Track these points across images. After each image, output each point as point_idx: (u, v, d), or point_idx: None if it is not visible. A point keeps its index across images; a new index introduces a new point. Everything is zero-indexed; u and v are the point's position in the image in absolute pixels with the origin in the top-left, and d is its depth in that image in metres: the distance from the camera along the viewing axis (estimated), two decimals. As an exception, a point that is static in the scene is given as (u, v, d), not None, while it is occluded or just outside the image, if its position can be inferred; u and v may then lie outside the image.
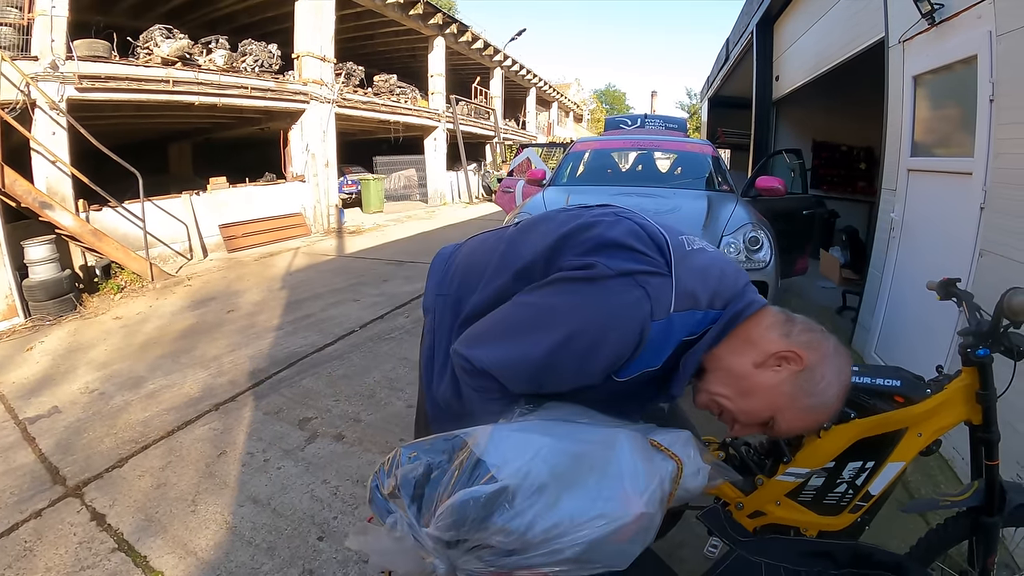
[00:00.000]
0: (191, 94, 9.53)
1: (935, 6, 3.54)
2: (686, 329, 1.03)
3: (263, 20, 14.02)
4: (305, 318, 5.68)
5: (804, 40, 7.79)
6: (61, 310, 6.45)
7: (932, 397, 1.50)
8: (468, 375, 1.10)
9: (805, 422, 1.06)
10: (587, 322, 1.00)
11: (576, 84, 50.69)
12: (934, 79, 3.85)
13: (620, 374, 1.03)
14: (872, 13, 4.90)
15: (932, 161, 3.84)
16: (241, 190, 11.09)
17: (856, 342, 4.74)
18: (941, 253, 3.55)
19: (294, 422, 3.43)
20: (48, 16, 7.37)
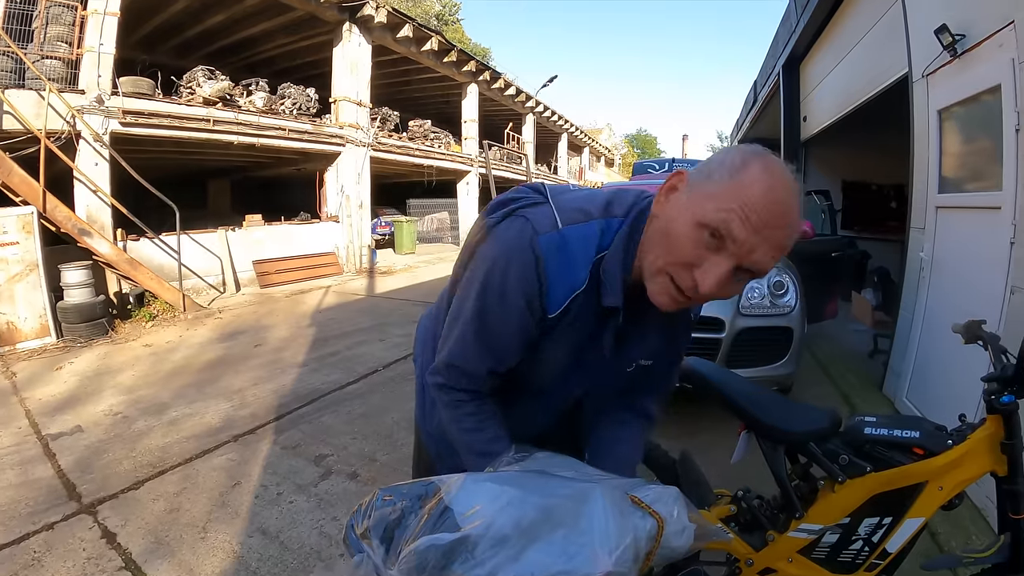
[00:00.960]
0: (230, 134, 9.94)
1: (956, 37, 3.50)
2: (590, 241, 1.01)
3: (302, 65, 14.63)
4: (330, 356, 5.73)
5: (830, 80, 7.79)
6: (93, 334, 6.66)
7: (954, 448, 1.42)
8: (436, 388, 1.16)
9: (723, 200, 0.88)
10: (488, 268, 1.03)
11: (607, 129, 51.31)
12: (959, 112, 3.79)
13: (549, 308, 1.02)
14: (894, 48, 4.88)
15: (960, 197, 3.75)
16: (276, 228, 11.42)
17: (887, 387, 4.57)
18: (972, 292, 3.44)
19: (310, 458, 3.44)
20: (96, 52, 7.82)
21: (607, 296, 1.01)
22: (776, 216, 0.87)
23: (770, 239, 0.87)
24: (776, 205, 0.87)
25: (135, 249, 8.29)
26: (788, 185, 0.88)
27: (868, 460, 1.47)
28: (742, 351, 3.51)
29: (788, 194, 0.88)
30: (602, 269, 1.01)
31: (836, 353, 5.79)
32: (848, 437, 1.52)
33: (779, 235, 0.88)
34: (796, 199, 0.89)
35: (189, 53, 13.15)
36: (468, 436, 1.15)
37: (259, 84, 11.06)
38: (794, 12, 8.72)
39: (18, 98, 6.90)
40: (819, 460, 1.52)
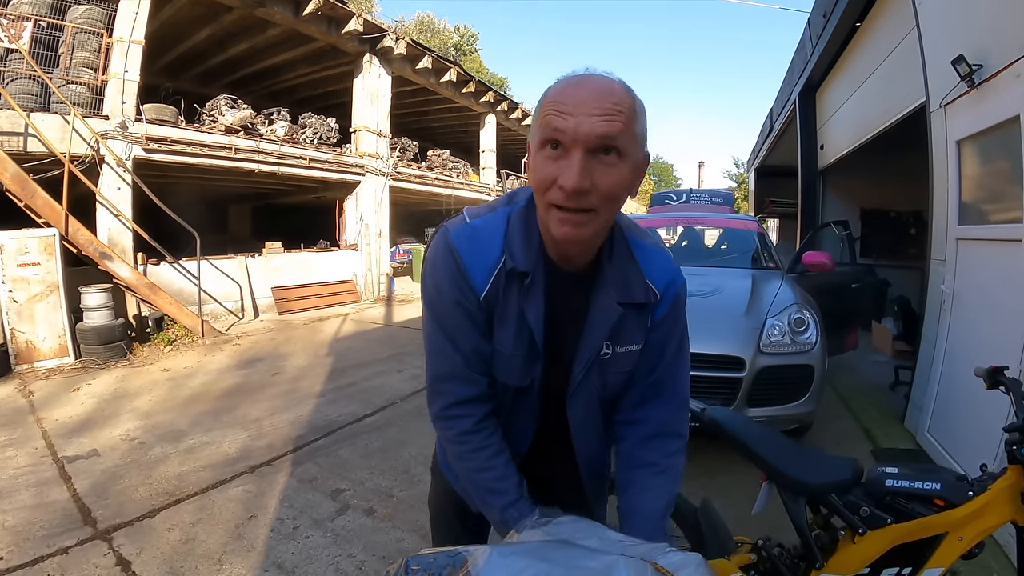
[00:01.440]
0: (252, 162, 10.14)
1: (973, 68, 3.51)
2: (497, 225, 1.11)
3: (323, 94, 14.91)
4: (348, 386, 5.74)
5: (846, 108, 7.81)
6: (111, 356, 6.77)
7: (974, 499, 1.41)
8: (438, 423, 1.21)
9: (538, 117, 0.98)
10: (424, 276, 1.16)
11: (625, 157, 51.40)
12: (978, 143, 3.78)
13: (477, 289, 1.09)
14: (911, 78, 4.89)
15: (980, 229, 3.73)
16: (295, 255, 11.55)
17: (909, 421, 4.51)
18: (995, 325, 3.40)
19: (327, 492, 3.42)
20: (120, 79, 8.03)
21: (518, 262, 1.07)
22: (582, 88, 0.94)
23: (589, 108, 0.91)
24: (578, 82, 0.95)
25: (155, 273, 8.43)
26: (586, 74, 0.97)
27: (889, 512, 1.47)
28: (763, 390, 3.48)
29: (587, 77, 0.96)
30: (510, 242, 1.09)
31: (857, 385, 5.71)
32: (869, 488, 1.51)
33: (595, 101, 0.92)
34: (600, 79, 0.96)
35: (212, 81, 13.51)
36: (477, 475, 1.18)
37: (280, 113, 11.28)
38: (809, 41, 8.78)
39: (43, 121, 7.09)
40: (840, 512, 1.51)
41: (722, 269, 4.89)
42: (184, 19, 10.47)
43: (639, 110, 0.97)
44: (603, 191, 0.95)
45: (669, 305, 1.20)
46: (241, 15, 10.29)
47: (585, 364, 1.16)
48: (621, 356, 1.18)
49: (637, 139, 0.97)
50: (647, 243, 1.20)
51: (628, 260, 1.15)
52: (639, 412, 1.25)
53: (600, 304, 1.13)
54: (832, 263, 5.11)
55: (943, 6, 4.13)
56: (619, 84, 0.96)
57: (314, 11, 10.32)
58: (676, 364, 1.25)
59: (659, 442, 1.23)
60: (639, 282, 1.15)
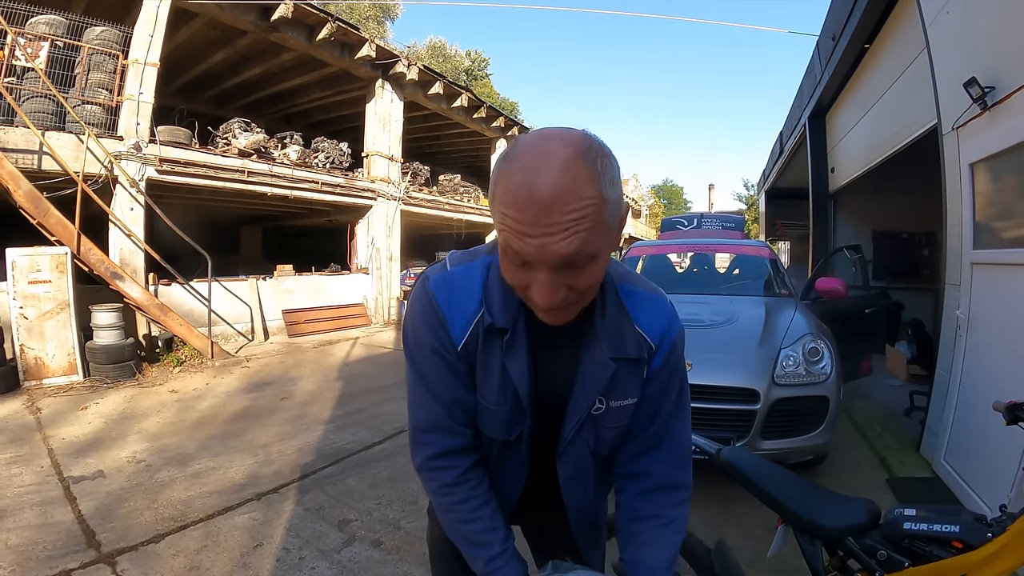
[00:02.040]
0: (264, 185, 10.25)
1: (986, 90, 3.48)
2: (477, 274, 1.08)
3: (336, 118, 15.12)
4: (357, 412, 5.71)
5: (857, 130, 7.80)
6: (120, 375, 6.79)
7: (994, 541, 1.39)
8: (422, 474, 1.18)
9: (496, 219, 0.87)
10: (404, 326, 1.15)
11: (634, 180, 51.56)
12: (991, 166, 3.74)
13: (455, 340, 1.06)
14: (922, 100, 4.89)
15: (996, 253, 3.68)
16: (306, 278, 11.60)
17: (925, 448, 4.44)
18: (1011, 351, 3.35)
19: (334, 522, 3.37)
20: (135, 101, 8.15)
21: (497, 318, 1.04)
22: (534, 201, 0.80)
23: (546, 226, 0.81)
24: (529, 190, 0.81)
25: (166, 294, 8.48)
26: (538, 162, 0.82)
27: (906, 555, 1.46)
28: (777, 422, 3.42)
29: (539, 171, 0.81)
30: (488, 296, 1.05)
31: (871, 412, 5.63)
32: (887, 531, 1.50)
33: (551, 217, 0.80)
34: (550, 180, 0.80)
35: (227, 103, 13.73)
36: (461, 527, 1.15)
37: (293, 137, 11.42)
38: (818, 64, 8.81)
39: (57, 140, 7.20)
40: (857, 555, 1.50)
41: (734, 297, 4.85)
42: (199, 42, 10.69)
43: (606, 182, 0.84)
44: (580, 289, 0.91)
45: (665, 355, 1.14)
46: (255, 39, 10.49)
47: (577, 421, 1.12)
48: (615, 410, 1.13)
49: (608, 222, 0.87)
50: (639, 288, 1.15)
51: (620, 313, 1.10)
52: (639, 465, 1.20)
53: (592, 359, 1.07)
54: (845, 289, 5.07)
55: (953, 29, 4.13)
56: (576, 171, 0.81)
57: (327, 37, 10.50)
58: (675, 415, 1.19)
59: (662, 495, 1.19)
60: (632, 335, 1.10)
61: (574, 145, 0.83)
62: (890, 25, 6.13)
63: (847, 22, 6.69)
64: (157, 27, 8.30)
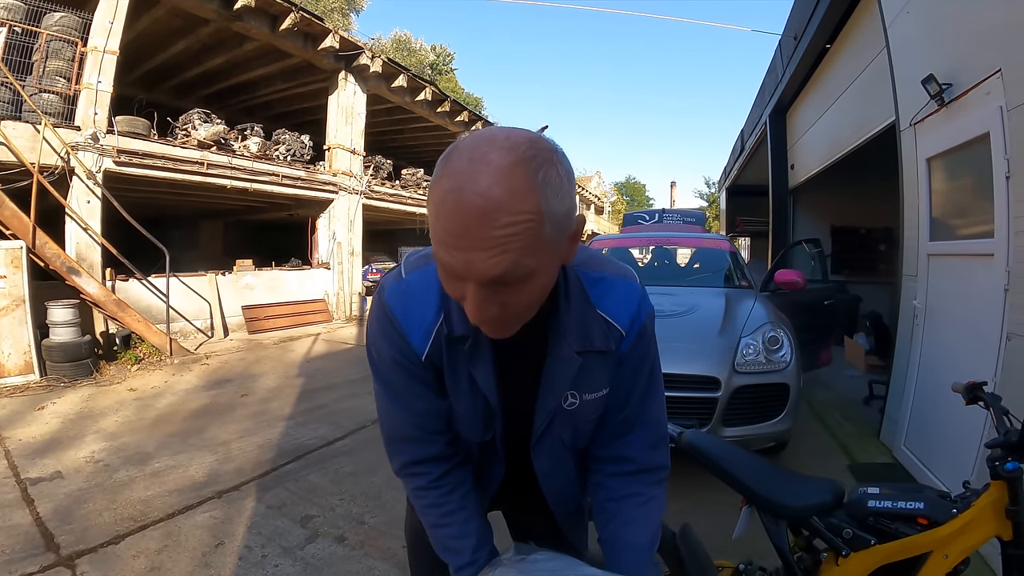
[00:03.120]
0: (224, 178, 9.97)
1: (943, 86, 3.58)
2: (431, 279, 0.98)
3: (298, 110, 14.81)
4: (318, 408, 5.62)
5: (816, 128, 7.98)
6: (77, 374, 6.54)
7: (959, 516, 1.43)
8: (400, 477, 1.19)
9: (431, 228, 0.80)
10: (367, 340, 1.13)
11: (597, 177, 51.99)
12: (948, 160, 3.85)
13: (418, 349, 1.02)
14: (881, 97, 5.01)
15: (952, 244, 3.79)
16: (266, 273, 11.35)
17: (885, 435, 4.57)
18: (967, 339, 3.46)
19: (296, 519, 3.29)
20: (93, 89, 7.83)
21: (455, 325, 1.00)
22: (465, 212, 0.73)
23: (475, 243, 0.73)
24: (458, 198, 0.73)
25: (123, 289, 8.21)
26: (475, 167, 0.73)
27: (872, 533, 1.48)
28: (738, 409, 3.47)
29: (473, 177, 0.73)
30: (446, 303, 1.00)
31: (831, 401, 5.76)
32: (851, 510, 1.53)
33: (481, 233, 0.73)
34: (481, 192, 0.72)
35: (187, 94, 13.30)
36: (433, 531, 1.16)
37: (254, 129, 11.14)
38: (780, 63, 8.98)
39: (13, 130, 6.89)
40: (822, 534, 1.53)
41: (695, 288, 4.91)
42: (160, 30, 10.34)
43: (548, 194, 0.75)
44: (516, 309, 0.84)
45: (635, 338, 1.10)
46: (218, 28, 10.19)
47: (546, 417, 1.09)
48: (589, 403, 1.11)
49: (548, 238, 0.78)
50: (605, 273, 1.09)
51: (584, 303, 1.04)
52: (615, 449, 1.18)
53: (557, 355, 1.03)
54: (804, 281, 5.18)
55: (913, 28, 4.24)
56: (512, 181, 0.73)
57: (291, 27, 10.27)
58: (649, 397, 1.17)
59: (640, 476, 1.17)
60: (599, 325, 1.05)
61: (515, 151, 0.74)
62: (851, 25, 6.29)
63: (809, 22, 6.84)
64: (118, 14, 7.99)
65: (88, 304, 7.40)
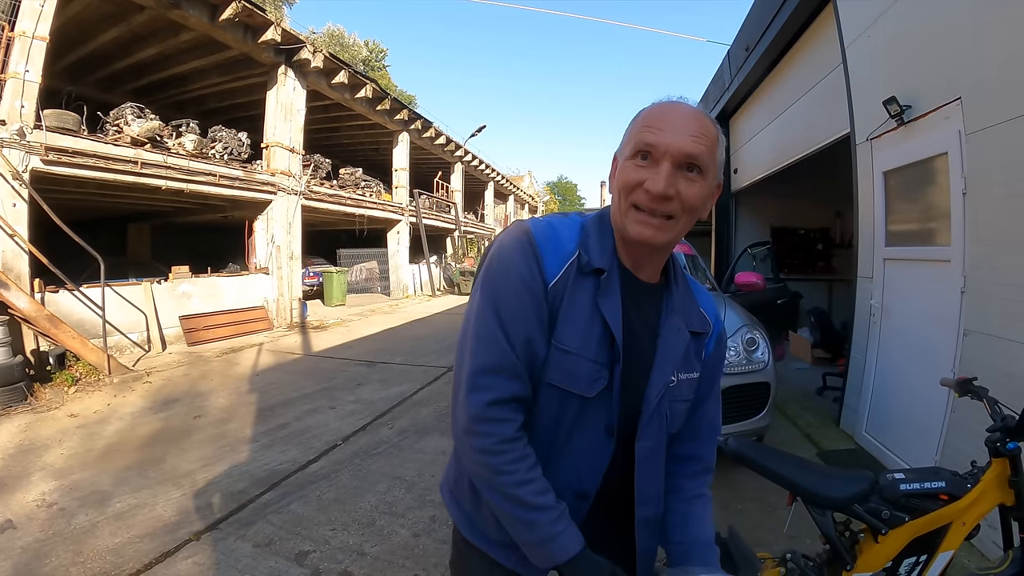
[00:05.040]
0: (159, 178, 9.36)
1: (904, 108, 3.82)
2: (573, 225, 1.16)
3: (233, 106, 14.17)
4: (280, 428, 5.31)
5: (763, 136, 8.26)
6: (10, 400, 5.95)
7: (972, 490, 1.75)
8: (469, 422, 1.07)
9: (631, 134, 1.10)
10: (491, 256, 1.14)
11: (529, 176, 52.39)
12: (905, 174, 4.12)
13: (548, 275, 1.08)
14: (835, 112, 5.25)
15: (909, 251, 4.09)
16: (203, 280, 10.73)
17: (845, 423, 4.87)
18: (925, 333, 3.76)
19: (290, 556, 3.06)
20: (20, 79, 7.12)
21: (594, 259, 1.10)
22: (674, 113, 1.05)
23: (679, 129, 1.02)
24: (670, 108, 1.06)
25: (54, 302, 7.55)
26: (677, 102, 1.08)
27: (905, 511, 1.75)
28: (725, 409, 3.58)
29: (678, 104, 1.07)
30: (586, 241, 1.13)
31: (788, 393, 6.02)
32: (885, 493, 1.77)
33: (684, 125, 1.03)
34: (689, 107, 1.06)
35: (116, 87, 12.48)
36: (518, 490, 1.04)
37: (190, 125, 10.54)
38: (728, 72, 9.23)
39: (-73, 123, 6.18)
40: (864, 518, 1.77)
41: None
42: (92, 17, 9.65)
43: (720, 141, 1.07)
44: (685, 200, 1.03)
45: (716, 340, 1.27)
46: (153, 16, 9.58)
47: (660, 388, 1.13)
48: (684, 383, 1.19)
49: (716, 164, 1.06)
50: (692, 277, 1.30)
51: (687, 289, 1.23)
52: (689, 448, 1.29)
53: (672, 325, 1.16)
54: (763, 282, 5.39)
55: (873, 51, 4.46)
56: (707, 116, 1.06)
57: (231, 17, 9.80)
58: (717, 401, 1.33)
59: (704, 476, 1.29)
60: (696, 311, 1.22)
61: (705, 113, 1.08)
62: (805, 40, 6.54)
63: (763, 35, 7.04)
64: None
65: (17, 320, 6.77)
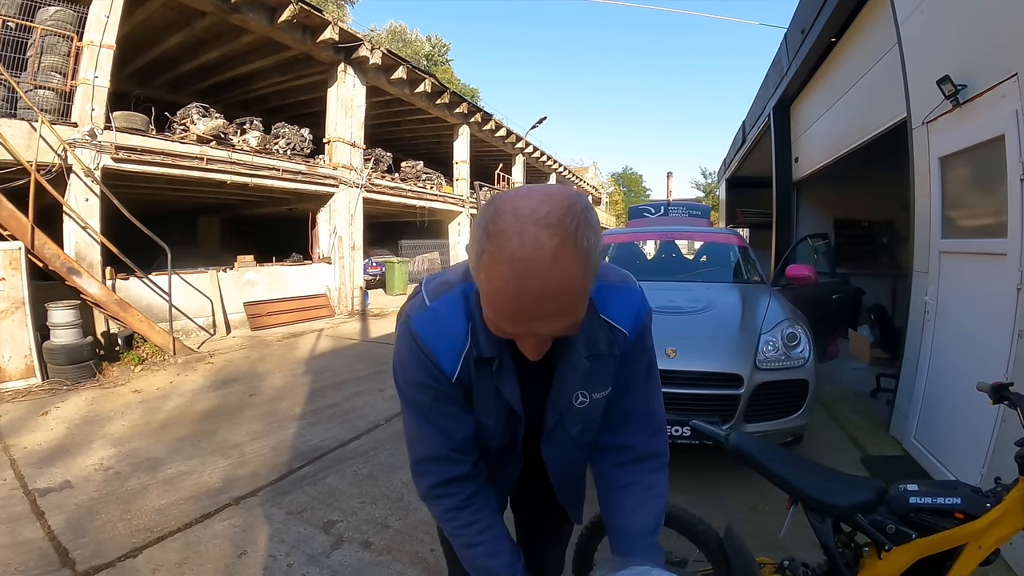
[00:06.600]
0: (224, 172, 9.89)
1: (958, 87, 3.57)
2: (457, 305, 1.09)
3: (296, 103, 14.72)
4: (329, 407, 5.57)
5: (822, 122, 7.94)
6: (80, 376, 6.46)
7: (992, 510, 1.51)
8: (426, 501, 1.23)
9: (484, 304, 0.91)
10: (394, 367, 1.17)
11: (594, 168, 51.92)
12: (961, 159, 3.84)
13: (449, 373, 1.08)
14: (892, 95, 4.96)
15: (964, 243, 3.80)
16: (267, 269, 11.28)
17: (894, 428, 4.59)
18: (979, 335, 3.47)
19: (318, 524, 3.24)
20: (90, 85, 7.73)
21: (482, 348, 1.07)
22: (523, 296, 0.82)
23: (535, 317, 0.86)
24: (523, 297, 0.83)
25: (124, 288, 8.13)
26: (537, 254, 0.80)
27: (913, 527, 1.56)
28: (760, 406, 3.48)
29: (539, 267, 0.80)
30: (474, 326, 1.07)
31: (839, 394, 5.78)
32: (893, 506, 1.59)
33: (540, 307, 0.84)
34: (556, 264, 0.81)
35: (183, 88, 13.21)
36: (467, 550, 1.20)
37: (253, 123, 11.06)
38: (785, 56, 8.92)
39: (9, 128, 6.78)
40: (867, 530, 1.60)
41: (709, 284, 4.89)
42: (156, 24, 10.25)
43: (591, 263, 0.86)
44: (560, 335, 0.96)
45: (635, 336, 1.20)
46: (214, 21, 10.10)
47: (557, 414, 1.19)
48: (598, 401, 1.20)
49: (588, 291, 0.90)
50: (609, 282, 1.18)
51: (590, 313, 1.09)
52: (615, 438, 1.28)
53: (567, 360, 1.12)
54: (815, 276, 5.17)
55: (926, 27, 4.20)
56: (565, 262, 0.81)
57: (289, 19, 10.19)
58: (646, 389, 1.26)
59: (640, 463, 1.26)
60: (603, 330, 1.14)
61: (561, 227, 0.81)
62: (860, 21, 6.22)
63: (818, 16, 6.77)
64: (113, 8, 7.89)
65: (89, 304, 7.31)
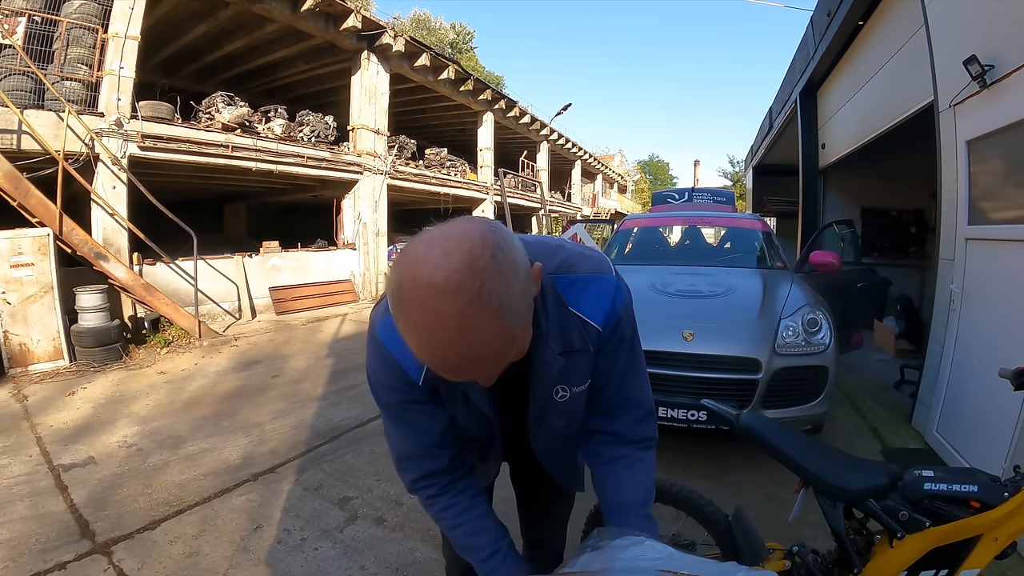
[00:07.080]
0: (249, 160, 10.02)
1: (986, 67, 3.46)
2: None
3: (320, 91, 14.82)
4: (349, 389, 5.64)
5: (849, 107, 7.76)
6: (107, 358, 6.66)
7: (1010, 500, 1.42)
8: (411, 492, 1.27)
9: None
10: (367, 371, 1.18)
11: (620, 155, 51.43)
12: (989, 143, 3.72)
13: (415, 378, 1.09)
14: (919, 77, 4.83)
15: (991, 229, 3.68)
16: (292, 255, 11.43)
17: (916, 420, 4.49)
18: (1006, 325, 3.37)
19: (334, 501, 3.31)
20: (116, 75, 7.91)
21: None
22: (452, 367, 0.81)
23: (470, 371, 0.84)
24: (443, 362, 0.81)
25: (151, 273, 8.32)
26: (442, 326, 0.74)
27: (927, 515, 1.48)
28: (778, 391, 3.43)
29: (448, 338, 0.75)
30: None
31: (862, 384, 5.69)
32: (907, 492, 1.52)
33: (471, 370, 0.83)
34: (465, 330, 0.75)
35: (208, 78, 13.41)
36: (452, 532, 1.26)
37: (278, 111, 11.18)
38: (811, 40, 8.73)
39: (37, 118, 6.97)
40: (879, 516, 1.53)
41: (731, 269, 4.84)
42: (180, 15, 10.40)
43: (511, 314, 0.78)
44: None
45: (612, 327, 1.15)
46: (238, 11, 10.21)
47: (537, 411, 1.20)
48: (579, 395, 1.20)
49: (519, 326, 0.82)
50: (580, 275, 1.12)
51: (561, 308, 1.09)
52: (602, 424, 1.27)
53: (542, 358, 1.09)
54: (839, 263, 5.07)
55: (953, 7, 4.08)
56: (476, 327, 0.75)
57: (312, 7, 10.26)
58: (628, 379, 1.23)
59: (626, 448, 1.26)
60: (576, 325, 1.11)
61: (462, 295, 0.73)
62: (886, 2, 6.04)
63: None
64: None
65: (116, 289, 7.50)
